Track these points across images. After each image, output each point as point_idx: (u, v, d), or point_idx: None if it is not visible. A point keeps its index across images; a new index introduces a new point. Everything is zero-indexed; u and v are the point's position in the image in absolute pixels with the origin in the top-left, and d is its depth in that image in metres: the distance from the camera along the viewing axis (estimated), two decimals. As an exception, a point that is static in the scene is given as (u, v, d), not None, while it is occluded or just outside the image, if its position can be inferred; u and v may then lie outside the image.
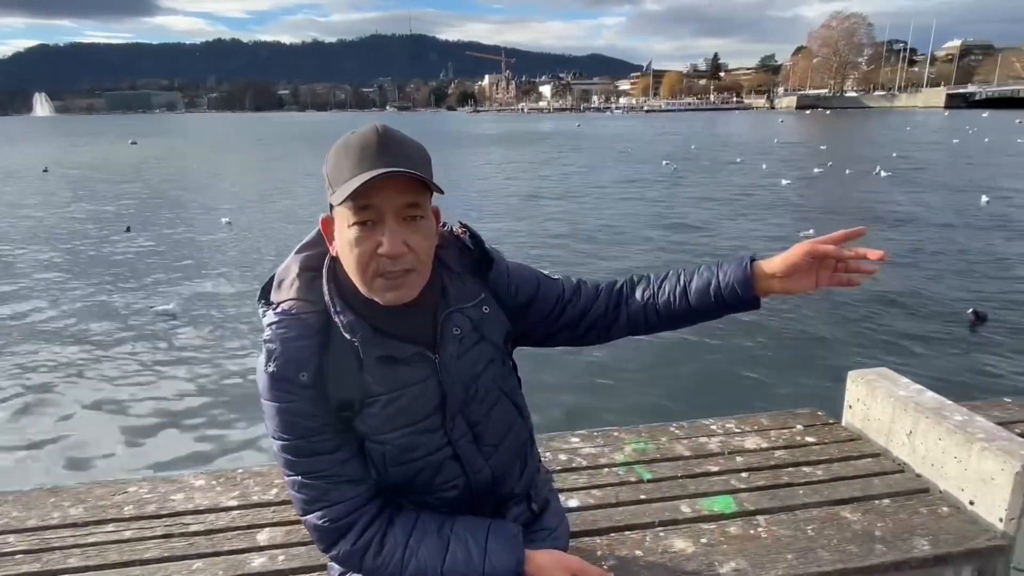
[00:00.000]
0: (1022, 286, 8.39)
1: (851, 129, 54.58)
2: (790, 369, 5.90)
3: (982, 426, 1.79)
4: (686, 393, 5.47)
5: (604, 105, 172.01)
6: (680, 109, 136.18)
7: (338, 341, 1.05)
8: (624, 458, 1.99)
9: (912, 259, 10.04)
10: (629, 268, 9.96)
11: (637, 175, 23.33)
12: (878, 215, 14.32)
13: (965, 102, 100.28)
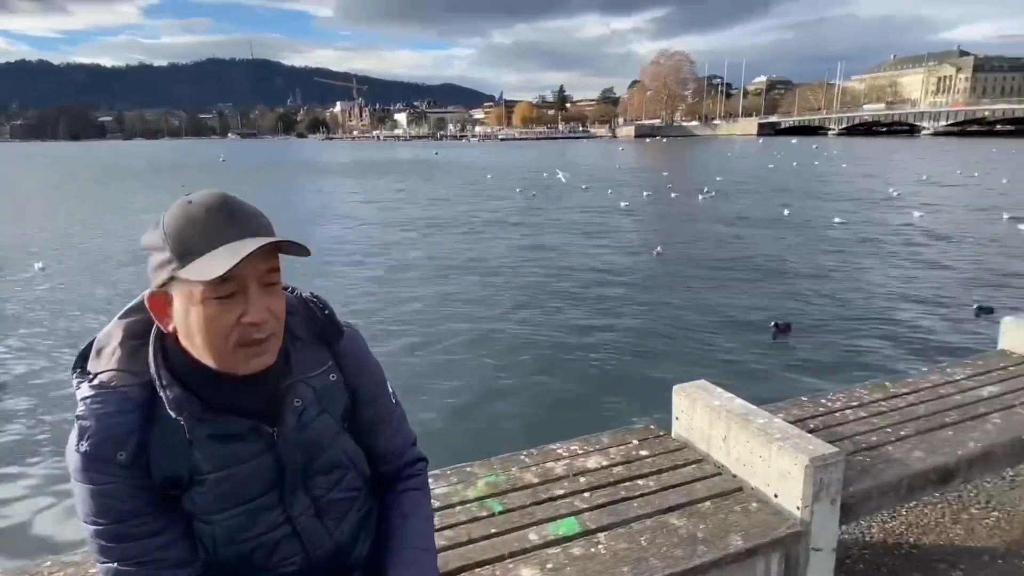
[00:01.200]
0: (818, 298, 9.65)
1: (683, 155, 60.53)
2: (630, 387, 6.35)
3: (780, 426, 2.06)
4: (539, 420, 5.69)
5: (460, 133, 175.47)
6: (532, 137, 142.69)
7: (164, 415, 0.98)
8: (476, 493, 2.02)
9: (728, 275, 11.24)
10: (493, 293, 10.18)
11: (497, 202, 24.00)
12: (703, 234, 15.96)
13: (773, 130, 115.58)
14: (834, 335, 7.88)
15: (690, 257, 12.96)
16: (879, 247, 13.65)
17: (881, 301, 9.42)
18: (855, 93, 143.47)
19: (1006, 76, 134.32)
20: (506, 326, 8.48)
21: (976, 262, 12.04)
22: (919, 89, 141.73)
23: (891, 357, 7.17)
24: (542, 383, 6.53)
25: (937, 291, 9.92)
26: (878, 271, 11.34)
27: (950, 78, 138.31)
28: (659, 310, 9.12)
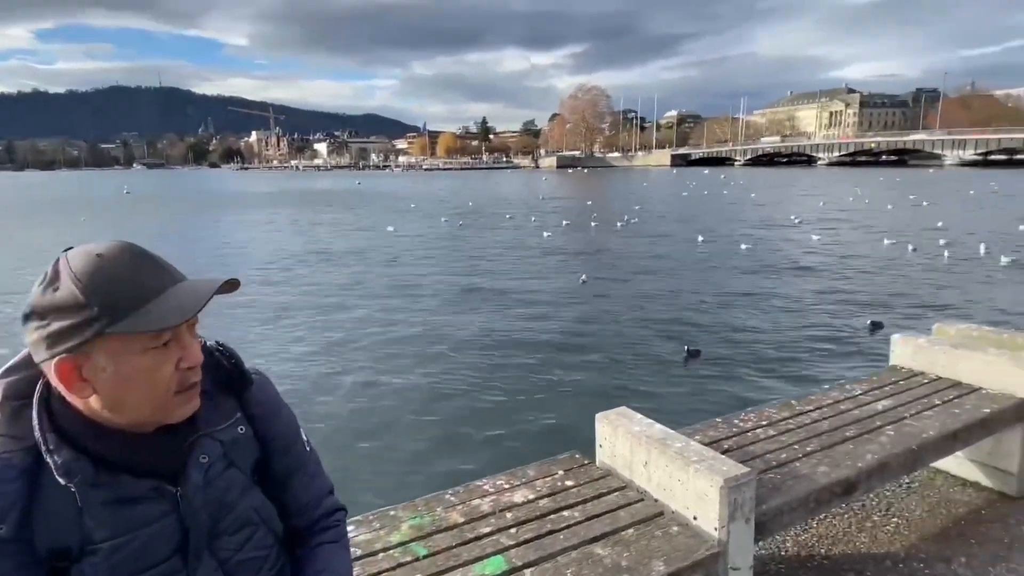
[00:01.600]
0: (728, 321, 10.16)
1: (604, 185, 62.66)
2: (557, 416, 6.42)
3: (696, 449, 2.13)
4: (467, 455, 5.64)
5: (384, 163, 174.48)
6: (456, 168, 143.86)
7: (50, 482, 0.90)
8: (400, 537, 1.96)
9: (647, 301, 11.65)
10: (415, 326, 10.05)
11: (423, 231, 23.90)
12: (625, 261, 16.52)
13: (685, 161, 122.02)
14: (744, 356, 8.29)
15: (613, 284, 13.35)
16: (782, 271, 14.56)
17: (786, 322, 10.02)
18: (757, 126, 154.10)
19: (888, 111, 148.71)
20: (430, 360, 8.38)
21: (869, 282, 13.07)
22: (814, 123, 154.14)
23: (797, 375, 7.62)
24: (469, 417, 6.48)
25: (835, 310, 10.67)
26: (782, 294, 12.07)
27: (840, 113, 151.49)
28: (584, 337, 9.31)
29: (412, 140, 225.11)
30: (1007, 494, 2.95)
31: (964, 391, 2.94)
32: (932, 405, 2.80)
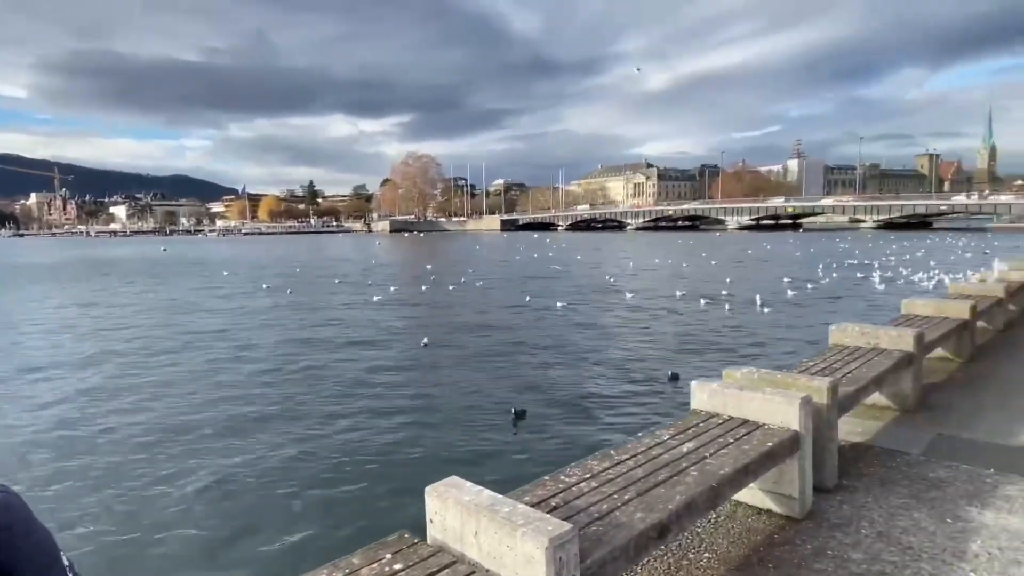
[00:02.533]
0: (552, 380, 10.56)
1: (439, 248, 63.61)
2: (388, 493, 6.11)
3: (523, 512, 2.13)
4: (287, 549, 5.14)
5: (196, 228, 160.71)
6: (281, 232, 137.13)
7: None
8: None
9: (480, 363, 11.83)
10: (235, 403, 9.14)
11: (238, 300, 22.12)
12: (460, 323, 16.74)
13: (514, 226, 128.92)
14: (567, 412, 8.66)
15: (447, 347, 13.39)
16: (599, 328, 15.72)
17: (604, 376, 10.73)
18: (575, 195, 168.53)
19: (680, 183, 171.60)
20: (245, 439, 7.64)
21: (671, 333, 14.57)
22: (622, 192, 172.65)
23: (616, 425, 8.12)
24: (288, 504, 5.93)
25: (644, 362, 11.66)
26: (600, 349, 12.96)
27: (643, 184, 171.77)
28: (416, 404, 9.13)
29: (230, 203, 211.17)
30: (793, 517, 3.35)
31: (751, 428, 3.33)
32: (727, 443, 3.13)
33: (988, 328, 7.76)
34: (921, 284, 23.10)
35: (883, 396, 4.86)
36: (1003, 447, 4.02)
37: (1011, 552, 2.78)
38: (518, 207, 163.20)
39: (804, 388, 3.53)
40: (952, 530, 2.98)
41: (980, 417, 4.64)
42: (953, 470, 3.64)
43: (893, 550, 2.85)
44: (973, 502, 3.24)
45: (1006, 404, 4.90)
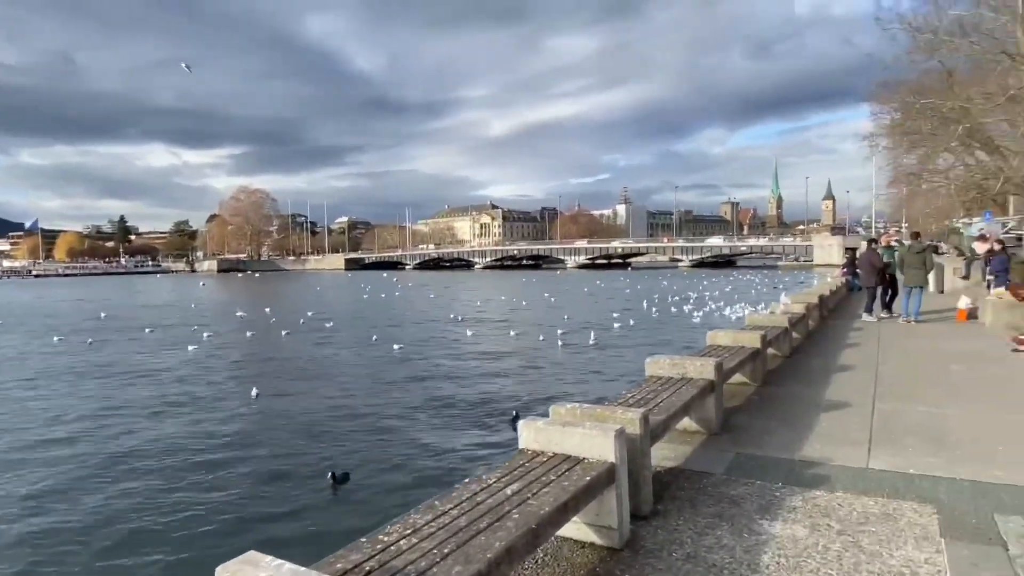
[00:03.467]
0: (382, 431, 10.15)
1: (277, 289, 59.69)
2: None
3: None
4: None
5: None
6: (83, 273, 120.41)
7: None
8: None
9: (310, 419, 11.00)
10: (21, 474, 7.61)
11: (18, 355, 18.82)
12: (286, 373, 15.67)
13: (359, 265, 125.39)
14: (401, 464, 8.37)
15: (278, 400, 12.44)
16: (442, 369, 15.63)
17: (445, 419, 10.64)
18: (423, 234, 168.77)
19: (524, 224, 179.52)
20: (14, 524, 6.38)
21: (515, 372, 14.93)
22: (469, 232, 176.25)
23: (455, 472, 7.96)
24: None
25: (489, 404, 11.75)
26: (441, 392, 12.84)
27: (488, 224, 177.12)
28: (227, 471, 8.26)
29: (17, 241, 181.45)
30: (613, 547, 3.45)
31: (573, 463, 3.41)
32: (549, 481, 3.16)
33: (777, 354, 8.88)
34: (730, 316, 26.13)
35: (692, 421, 5.29)
36: (790, 461, 4.53)
37: (795, 559, 3.08)
38: (363, 246, 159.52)
39: (620, 420, 3.70)
40: (748, 544, 3.25)
41: (771, 435, 5.21)
42: (749, 486, 4.01)
43: (700, 570, 3.03)
44: (765, 515, 3.57)
45: (792, 422, 5.57)
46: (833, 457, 4.53)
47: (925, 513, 3.51)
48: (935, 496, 3.74)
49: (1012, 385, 6.88)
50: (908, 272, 12.35)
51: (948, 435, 4.99)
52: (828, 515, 3.52)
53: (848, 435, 5.09)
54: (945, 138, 34.32)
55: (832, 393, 6.68)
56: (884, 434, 5.07)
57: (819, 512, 3.57)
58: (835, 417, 5.68)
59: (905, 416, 5.63)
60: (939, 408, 5.93)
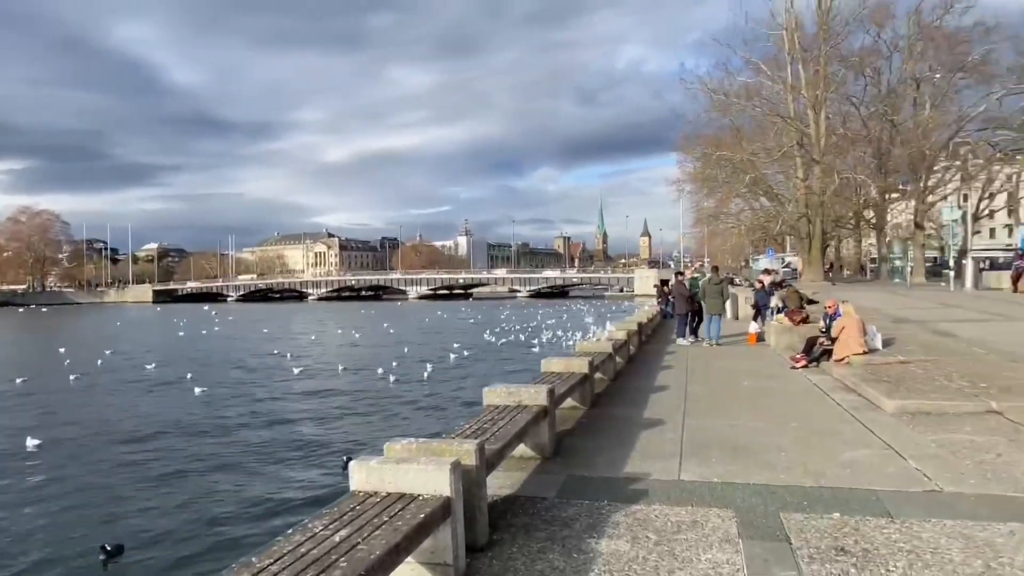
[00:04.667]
0: (178, 500, 8.90)
1: (59, 326, 51.38)
2: None
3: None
4: None
5: None
6: None
7: None
8: None
9: (68, 486, 9.33)
10: None
11: None
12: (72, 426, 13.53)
13: (171, 296, 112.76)
14: (198, 526, 7.49)
15: (55, 460, 10.54)
16: (264, 411, 14.50)
17: (262, 464, 9.66)
18: (248, 263, 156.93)
19: (362, 254, 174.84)
20: None
21: (347, 410, 14.28)
22: (302, 262, 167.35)
23: (266, 530, 7.24)
24: None
25: (314, 446, 11.02)
26: (258, 435, 11.80)
27: (324, 253, 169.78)
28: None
29: None
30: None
31: (408, 501, 3.31)
32: (381, 524, 3.02)
33: (604, 378, 9.51)
34: (563, 343, 27.54)
35: (528, 447, 5.44)
36: (614, 479, 4.83)
37: (620, 573, 3.25)
38: (177, 275, 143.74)
39: (455, 453, 3.68)
40: (577, 563, 3.37)
41: (598, 455, 5.53)
42: (579, 507, 4.19)
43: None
44: (593, 534, 3.74)
45: (616, 442, 5.96)
46: (651, 472, 4.92)
47: (726, 517, 3.92)
48: (734, 501, 4.21)
49: (790, 397, 8.03)
50: (709, 301, 14.01)
51: (743, 445, 5.66)
52: (647, 527, 3.79)
53: (663, 450, 5.56)
54: (736, 186, 40.01)
55: (650, 412, 7.28)
56: (692, 447, 5.61)
57: (639, 525, 3.82)
58: (652, 434, 6.19)
59: (709, 430, 6.30)
60: (736, 420, 6.73)
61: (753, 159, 38.06)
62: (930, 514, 3.85)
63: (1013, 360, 8.66)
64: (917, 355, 9.38)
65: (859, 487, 4.43)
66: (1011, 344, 9.82)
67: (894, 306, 16.38)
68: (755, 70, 37.82)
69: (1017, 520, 3.68)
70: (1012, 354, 9.07)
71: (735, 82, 38.35)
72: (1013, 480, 4.44)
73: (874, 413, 6.77)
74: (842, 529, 3.67)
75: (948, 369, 8.21)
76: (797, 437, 5.92)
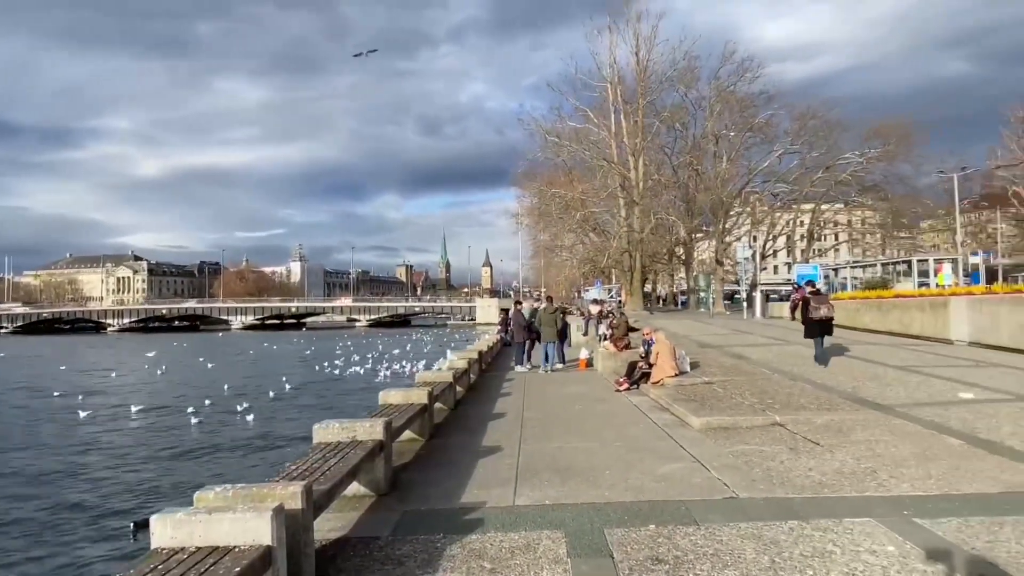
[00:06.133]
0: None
1: None
2: None
3: None
4: None
5: None
6: None
7: None
8: None
9: None
10: None
11: None
12: None
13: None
14: None
15: None
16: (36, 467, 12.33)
17: (37, 533, 8.24)
18: (31, 288, 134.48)
19: (177, 279, 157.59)
20: None
21: (151, 459, 12.62)
22: (100, 287, 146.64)
23: None
24: None
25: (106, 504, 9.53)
26: (31, 499, 9.98)
27: (129, 279, 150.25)
28: None
29: None
30: (271, 642, 3.09)
31: (221, 555, 2.98)
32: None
33: (444, 408, 9.48)
34: (404, 373, 27.03)
35: (362, 485, 5.21)
36: (451, 510, 4.79)
37: (453, 608, 3.21)
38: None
39: (278, 497, 3.41)
40: (411, 603, 3.27)
41: (436, 487, 5.46)
42: (414, 543, 4.09)
43: (362, 644, 2.91)
44: (427, 570, 3.66)
45: (454, 472, 5.94)
46: (487, 500, 4.96)
47: (556, 539, 4.07)
48: (564, 522, 4.38)
49: (615, 418, 8.62)
50: (544, 330, 14.70)
51: (573, 466, 5.95)
52: (482, 557, 3.80)
53: (499, 477, 5.65)
54: (568, 222, 42.89)
55: (488, 439, 7.38)
56: (527, 472, 5.77)
57: (475, 556, 3.82)
58: (489, 462, 6.27)
59: (543, 453, 6.54)
60: (567, 443, 7.06)
61: (583, 198, 41.19)
62: (728, 519, 4.33)
63: (792, 379, 10.16)
64: (718, 376, 10.62)
65: (671, 499, 4.86)
66: (789, 365, 11.52)
67: (700, 333, 18.44)
68: (584, 117, 41.15)
69: (795, 519, 4.27)
70: (791, 373, 10.64)
71: (567, 126, 41.38)
72: (792, 484, 5.16)
73: (684, 430, 7.51)
74: (657, 539, 3.98)
75: (742, 388, 9.39)
76: (620, 456, 6.36)
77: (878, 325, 18.01)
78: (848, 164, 41.75)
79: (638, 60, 39.11)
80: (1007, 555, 3.55)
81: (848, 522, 4.15)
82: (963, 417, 7.17)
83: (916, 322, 16.43)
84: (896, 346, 14.25)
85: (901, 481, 5.09)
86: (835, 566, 3.49)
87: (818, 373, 10.57)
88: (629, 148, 38.91)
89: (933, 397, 8.47)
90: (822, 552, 3.68)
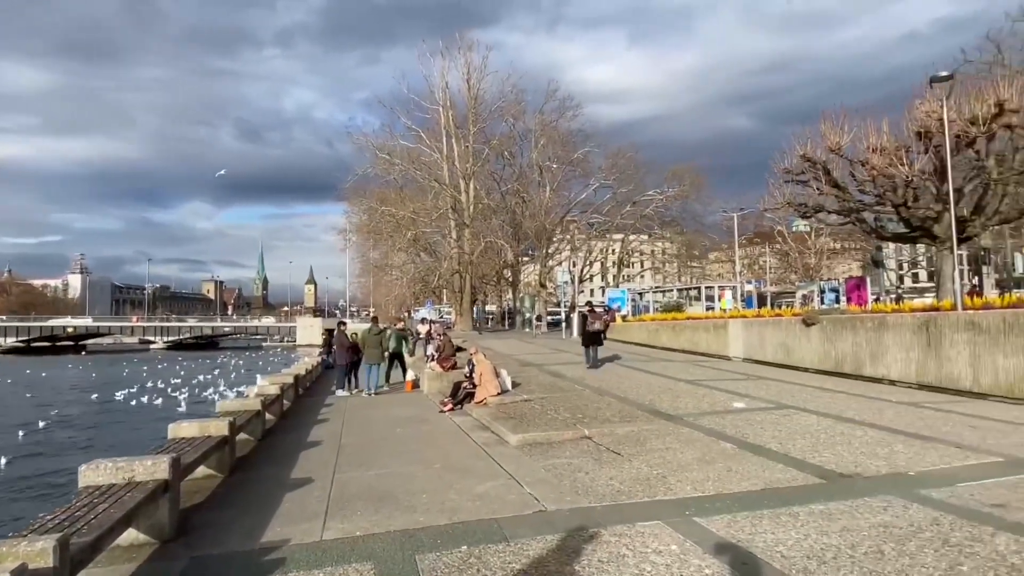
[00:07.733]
0: None
1: None
2: None
3: None
4: None
5: None
6: None
7: None
8: None
9: None
10: None
11: None
12: None
13: None
14: None
15: None
16: None
17: None
18: None
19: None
20: None
21: None
22: None
23: None
24: None
25: None
26: None
27: None
28: None
29: None
30: None
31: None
32: None
33: (250, 439, 8.70)
34: (207, 401, 24.40)
35: (141, 532, 4.56)
36: (249, 552, 4.37)
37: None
38: None
39: (21, 556, 2.85)
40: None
41: (233, 528, 4.96)
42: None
43: None
44: (215, 622, 3.28)
45: (257, 509, 5.44)
46: (291, 536, 4.61)
47: (364, 571, 3.89)
48: (374, 553, 4.21)
49: (437, 439, 8.58)
50: (368, 351, 14.27)
51: (389, 492, 5.78)
52: (280, 600, 3.50)
53: (307, 510, 5.29)
54: (399, 241, 42.42)
55: (299, 471, 6.91)
56: (339, 503, 5.48)
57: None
58: (298, 495, 5.86)
59: (358, 481, 6.27)
60: (386, 469, 6.86)
61: (415, 217, 41.08)
62: (537, 532, 4.49)
63: (600, 394, 10.95)
64: (536, 393, 11.11)
65: (484, 517, 4.92)
66: (598, 381, 12.43)
67: (523, 351, 19.22)
68: (417, 137, 41.31)
69: (596, 525, 4.55)
70: (599, 388, 11.47)
71: (399, 144, 41.19)
72: (595, 493, 5.51)
73: (502, 447, 7.70)
74: (468, 560, 3.99)
75: (557, 404, 9.91)
76: (439, 477, 6.32)
77: (674, 344, 20.20)
78: (651, 201, 46.93)
79: (469, 87, 40.35)
80: (763, 544, 4.11)
81: (640, 525, 4.52)
82: (736, 424, 8.25)
83: (703, 341, 18.73)
84: (688, 362, 16.09)
85: (685, 484, 5.68)
86: (627, 568, 3.77)
87: (622, 387, 11.54)
88: (460, 171, 39.77)
89: (714, 407, 9.65)
90: (617, 556, 3.96)
